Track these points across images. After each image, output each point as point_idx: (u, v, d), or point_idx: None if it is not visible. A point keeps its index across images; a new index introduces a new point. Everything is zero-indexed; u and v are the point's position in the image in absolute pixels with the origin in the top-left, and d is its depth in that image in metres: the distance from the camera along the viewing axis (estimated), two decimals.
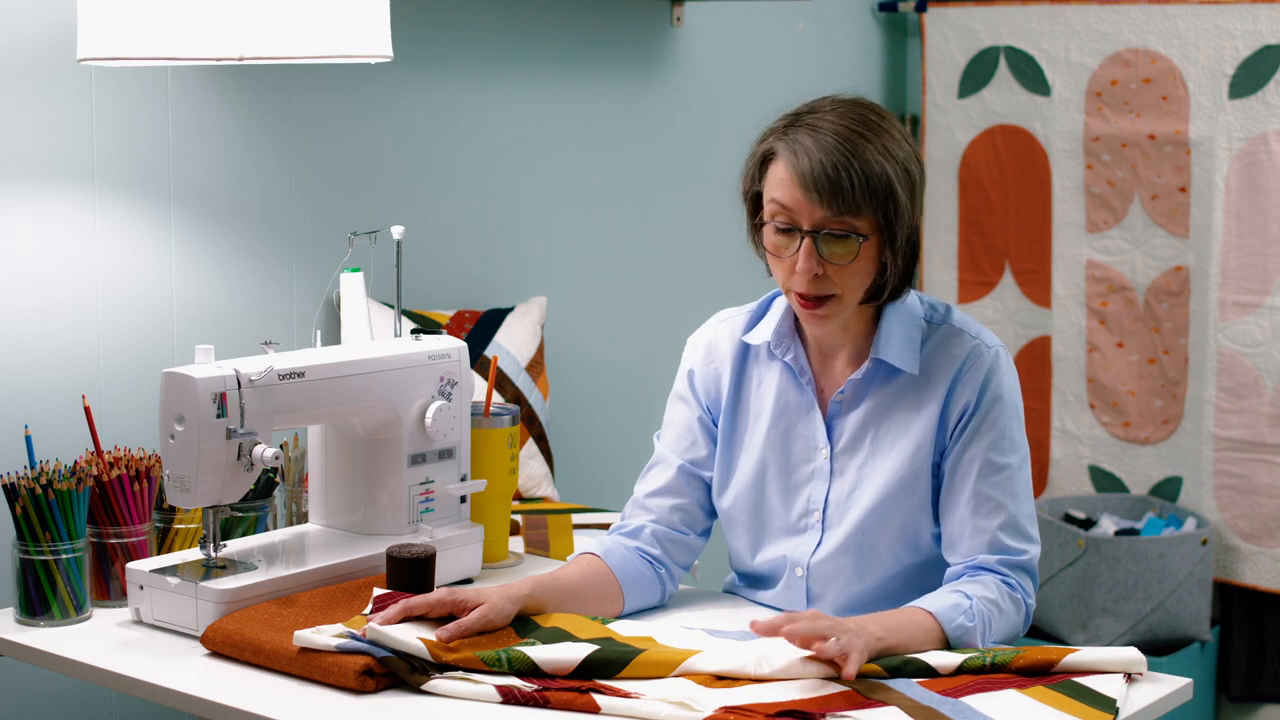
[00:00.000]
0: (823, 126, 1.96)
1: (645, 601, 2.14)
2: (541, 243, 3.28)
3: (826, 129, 1.96)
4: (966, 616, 1.93)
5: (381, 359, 2.19)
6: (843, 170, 1.93)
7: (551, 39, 3.25)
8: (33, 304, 2.44)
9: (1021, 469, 2.05)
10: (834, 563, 2.09)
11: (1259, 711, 3.90)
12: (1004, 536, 2.01)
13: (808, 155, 1.94)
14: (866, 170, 1.94)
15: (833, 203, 1.94)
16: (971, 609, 1.94)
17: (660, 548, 2.16)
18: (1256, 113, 3.66)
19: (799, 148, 1.95)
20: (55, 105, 2.45)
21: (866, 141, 1.95)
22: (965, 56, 4.06)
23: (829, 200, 1.94)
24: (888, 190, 1.95)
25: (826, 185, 1.93)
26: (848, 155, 1.94)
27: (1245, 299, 3.70)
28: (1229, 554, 3.80)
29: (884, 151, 1.96)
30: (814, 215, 1.96)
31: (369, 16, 2.28)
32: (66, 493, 2.10)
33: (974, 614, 1.94)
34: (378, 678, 1.83)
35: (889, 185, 1.95)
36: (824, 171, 1.93)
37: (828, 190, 1.93)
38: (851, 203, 1.94)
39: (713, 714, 1.73)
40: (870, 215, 1.96)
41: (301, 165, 2.81)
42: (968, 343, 2.06)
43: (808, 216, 1.96)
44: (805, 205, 1.96)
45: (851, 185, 1.93)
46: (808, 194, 1.95)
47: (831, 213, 1.95)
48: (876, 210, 1.96)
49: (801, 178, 1.94)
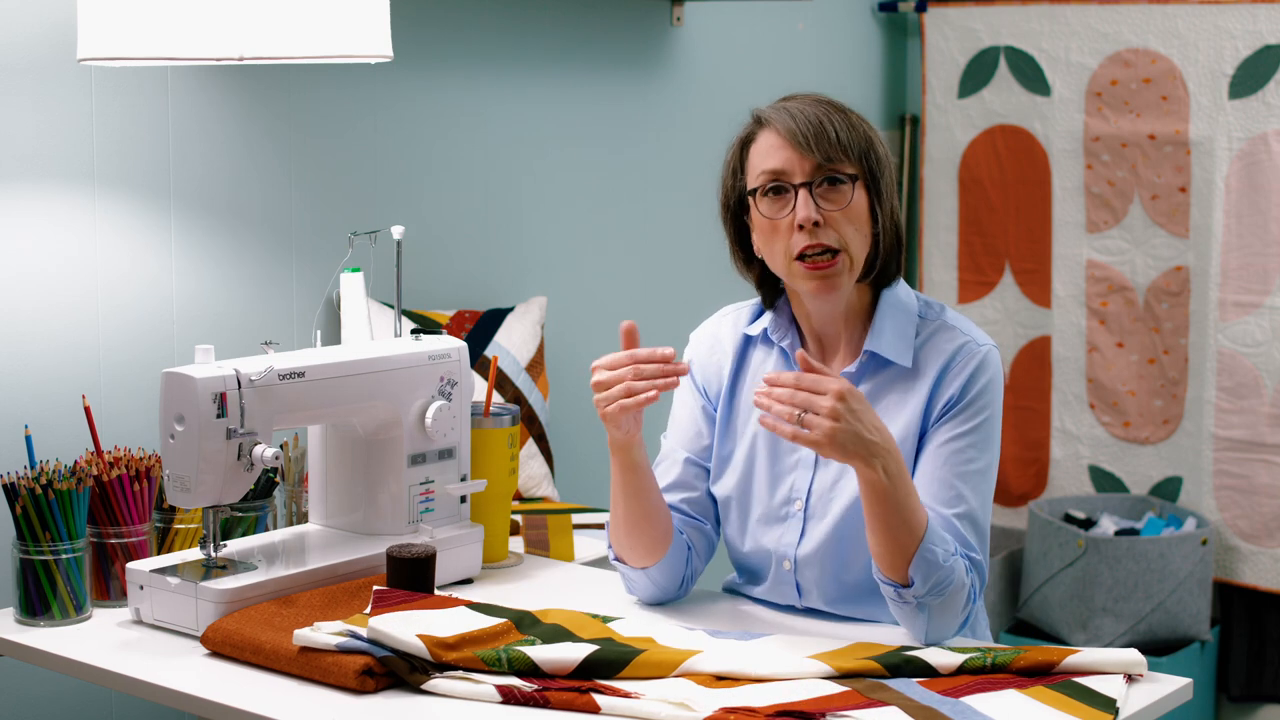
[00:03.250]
0: (797, 98, 2.10)
1: (674, 569, 2.13)
2: (541, 243, 3.28)
3: (801, 99, 2.09)
4: (944, 554, 1.94)
5: (381, 359, 2.19)
6: (824, 120, 2.04)
7: (551, 39, 3.25)
8: (33, 304, 2.45)
9: (989, 471, 2.06)
10: (820, 555, 2.09)
11: (1259, 711, 3.90)
12: (961, 528, 2.01)
13: (790, 115, 2.05)
14: (846, 121, 2.07)
15: (819, 147, 2.02)
16: (950, 558, 1.95)
17: (685, 534, 2.16)
18: (1256, 113, 3.67)
19: (781, 112, 2.06)
20: (55, 105, 2.45)
21: (839, 106, 2.09)
22: (965, 56, 4.06)
23: (816, 145, 2.02)
24: (867, 140, 2.07)
25: (812, 133, 2.03)
26: (827, 108, 2.07)
27: (1245, 299, 3.70)
28: (1229, 554, 3.80)
29: (858, 116, 2.10)
30: (805, 166, 2.03)
31: (369, 16, 2.28)
32: (66, 493, 2.10)
33: (949, 559, 1.94)
34: (378, 677, 1.83)
35: (868, 136, 2.08)
36: (808, 122, 2.04)
37: (813, 137, 2.03)
38: (838, 147, 2.03)
39: (713, 714, 1.73)
40: (856, 162, 2.05)
41: (301, 165, 2.81)
42: (959, 338, 2.08)
43: (800, 169, 2.03)
44: (795, 159, 2.03)
45: (835, 132, 2.04)
46: (796, 145, 2.03)
47: (821, 158, 2.03)
48: (860, 158, 2.05)
49: (790, 132, 2.03)
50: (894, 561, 1.94)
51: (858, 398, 1.89)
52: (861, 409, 1.89)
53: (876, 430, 1.90)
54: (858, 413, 1.88)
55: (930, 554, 1.92)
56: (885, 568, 1.95)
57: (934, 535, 1.94)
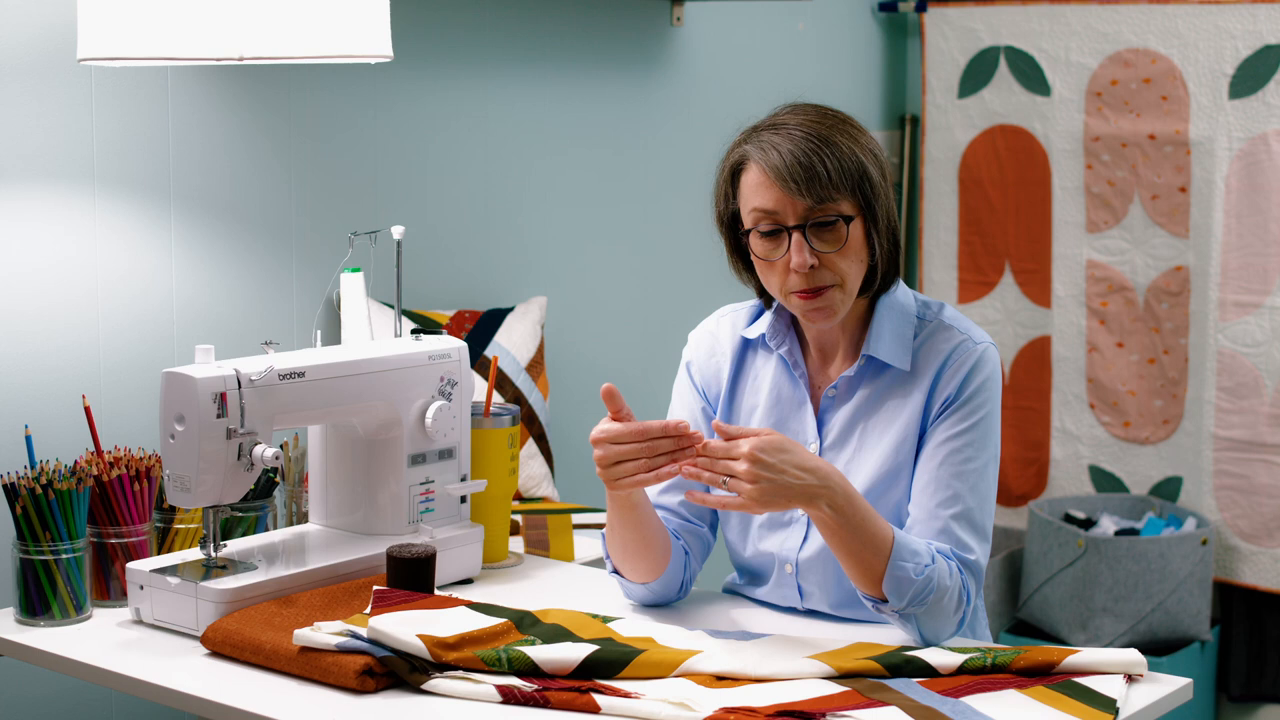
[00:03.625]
0: (785, 124, 2.02)
1: (672, 579, 2.13)
2: (541, 243, 3.28)
3: (790, 125, 2.01)
4: (915, 568, 1.92)
5: (381, 359, 2.19)
6: (815, 157, 1.98)
7: (551, 39, 3.25)
8: (33, 304, 2.45)
9: (989, 468, 2.05)
10: (821, 558, 2.09)
11: (1259, 711, 3.90)
12: (957, 528, 2.01)
13: (778, 151, 1.99)
14: (837, 154, 1.99)
15: (812, 190, 1.97)
16: (923, 570, 1.93)
17: (681, 539, 2.16)
18: (1256, 113, 3.67)
19: (768, 147, 2.00)
20: (55, 105, 2.45)
21: (830, 131, 2.01)
22: (965, 56, 4.06)
23: (808, 188, 1.97)
24: (861, 170, 2.00)
25: (802, 174, 1.97)
26: (817, 144, 1.98)
27: (1245, 299, 3.70)
28: (1229, 554, 3.80)
29: (849, 136, 2.02)
30: (797, 208, 1.99)
31: (369, 16, 2.28)
32: (66, 493, 2.10)
33: (921, 571, 1.93)
34: (378, 677, 1.83)
35: (861, 165, 2.00)
36: (798, 161, 1.97)
37: (804, 179, 1.97)
38: (830, 187, 1.98)
39: (713, 714, 1.73)
40: (850, 197, 2.00)
41: (301, 165, 2.81)
42: (956, 338, 2.08)
43: (791, 211, 1.99)
44: (787, 200, 1.99)
45: (826, 170, 1.97)
46: (786, 187, 1.98)
47: (814, 201, 1.98)
48: (854, 191, 2.00)
49: (777, 173, 1.98)
50: (865, 580, 1.95)
51: (775, 448, 1.87)
52: (782, 459, 1.87)
53: (808, 471, 1.88)
54: (775, 465, 1.87)
55: (900, 570, 1.92)
56: (859, 586, 1.97)
57: (902, 551, 1.93)
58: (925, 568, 1.93)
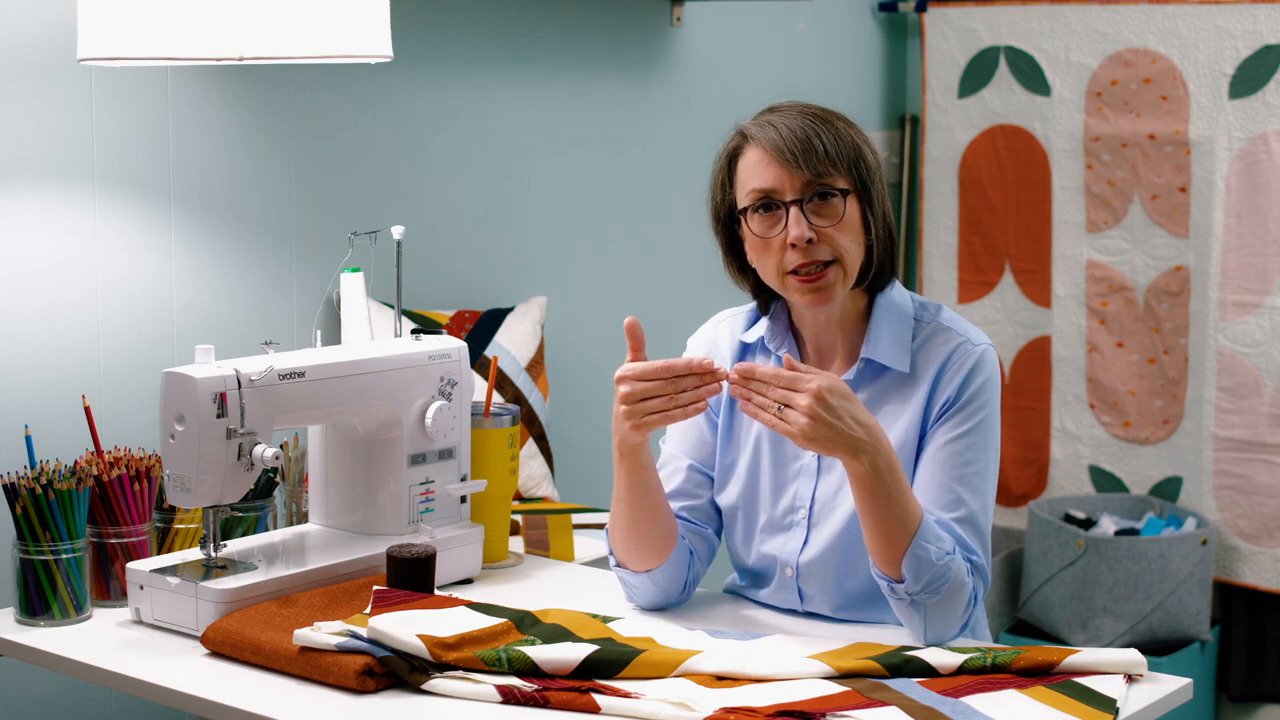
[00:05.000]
0: (782, 110, 2.07)
1: (678, 571, 2.13)
2: (541, 243, 3.28)
3: (787, 111, 2.06)
4: (938, 552, 1.93)
5: (381, 359, 2.19)
6: (811, 133, 2.02)
7: (551, 39, 3.25)
8: (33, 304, 2.45)
9: (989, 471, 2.06)
10: (822, 561, 2.09)
11: (1259, 711, 3.90)
12: (961, 532, 2.01)
13: (775, 129, 2.03)
14: (834, 132, 2.04)
15: (808, 163, 2.01)
16: (945, 556, 1.94)
17: (686, 539, 2.16)
18: (1256, 113, 3.67)
19: (766, 127, 2.04)
20: (55, 105, 2.45)
21: (825, 114, 2.06)
22: (965, 56, 4.06)
23: (805, 161, 2.00)
24: (856, 150, 2.04)
25: (799, 148, 2.01)
26: (813, 122, 2.04)
27: (1245, 299, 3.70)
28: (1229, 554, 3.80)
29: (844, 123, 2.07)
30: (794, 183, 2.01)
31: (369, 16, 2.28)
32: (66, 493, 2.10)
33: (943, 557, 1.94)
34: (378, 677, 1.83)
35: (856, 146, 2.05)
36: (795, 136, 2.01)
37: (802, 152, 2.01)
38: (827, 161, 2.01)
39: (713, 714, 1.73)
40: (845, 174, 2.03)
41: (301, 165, 2.81)
42: (954, 339, 2.08)
43: (789, 186, 2.02)
44: (785, 175, 2.01)
45: (823, 145, 2.01)
46: (784, 161, 2.01)
47: (811, 174, 2.01)
48: (850, 169, 2.03)
49: (775, 146, 2.02)
50: (886, 555, 1.94)
51: (840, 394, 1.89)
52: (843, 405, 1.89)
53: (862, 425, 1.90)
54: (837, 409, 1.88)
55: (923, 550, 1.92)
56: (878, 560, 1.96)
57: (928, 533, 1.94)
58: (947, 555, 1.94)
